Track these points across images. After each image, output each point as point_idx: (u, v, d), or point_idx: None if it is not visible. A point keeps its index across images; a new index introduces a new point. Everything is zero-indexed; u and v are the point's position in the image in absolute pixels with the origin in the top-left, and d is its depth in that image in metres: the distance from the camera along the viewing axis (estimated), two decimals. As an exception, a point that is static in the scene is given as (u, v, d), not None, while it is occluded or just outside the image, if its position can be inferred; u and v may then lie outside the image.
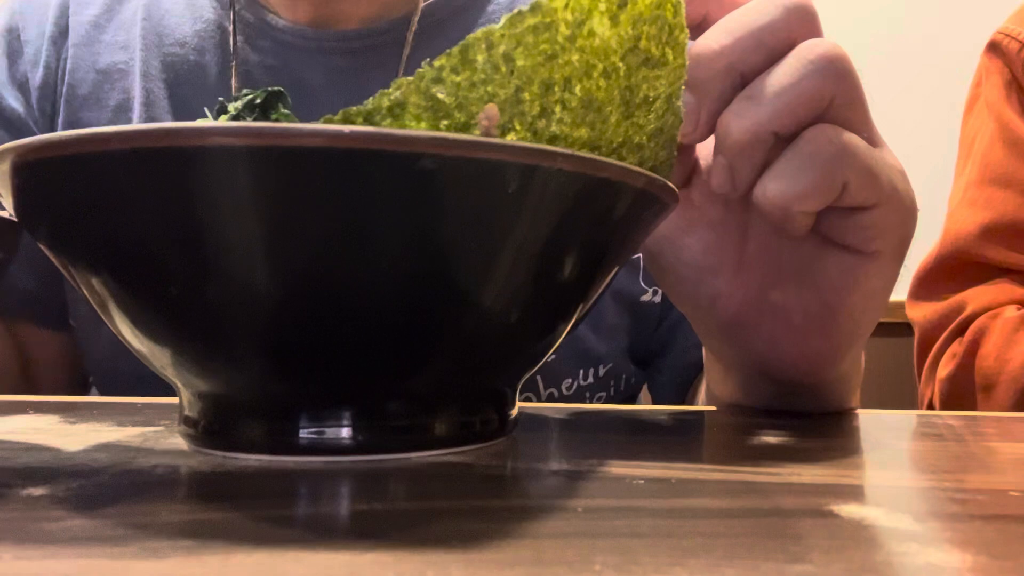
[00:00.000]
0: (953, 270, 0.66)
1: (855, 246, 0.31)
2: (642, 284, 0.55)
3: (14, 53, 0.55)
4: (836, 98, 0.28)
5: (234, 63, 0.53)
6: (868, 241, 0.30)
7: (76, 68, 0.54)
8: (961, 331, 0.63)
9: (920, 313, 0.68)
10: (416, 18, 0.53)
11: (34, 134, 0.52)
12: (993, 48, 0.69)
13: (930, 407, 0.67)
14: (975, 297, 0.64)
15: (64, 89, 0.54)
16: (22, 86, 0.54)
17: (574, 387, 0.54)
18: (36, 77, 0.54)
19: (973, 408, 0.62)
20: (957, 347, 0.63)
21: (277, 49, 0.53)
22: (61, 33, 0.54)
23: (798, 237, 0.31)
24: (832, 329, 0.32)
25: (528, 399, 0.52)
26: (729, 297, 0.34)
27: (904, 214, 0.31)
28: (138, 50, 0.54)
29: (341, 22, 0.53)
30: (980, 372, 0.61)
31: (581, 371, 0.54)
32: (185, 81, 0.53)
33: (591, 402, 0.55)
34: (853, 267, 0.31)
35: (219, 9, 0.54)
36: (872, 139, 0.30)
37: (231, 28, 0.53)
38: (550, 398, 0.53)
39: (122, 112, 0.54)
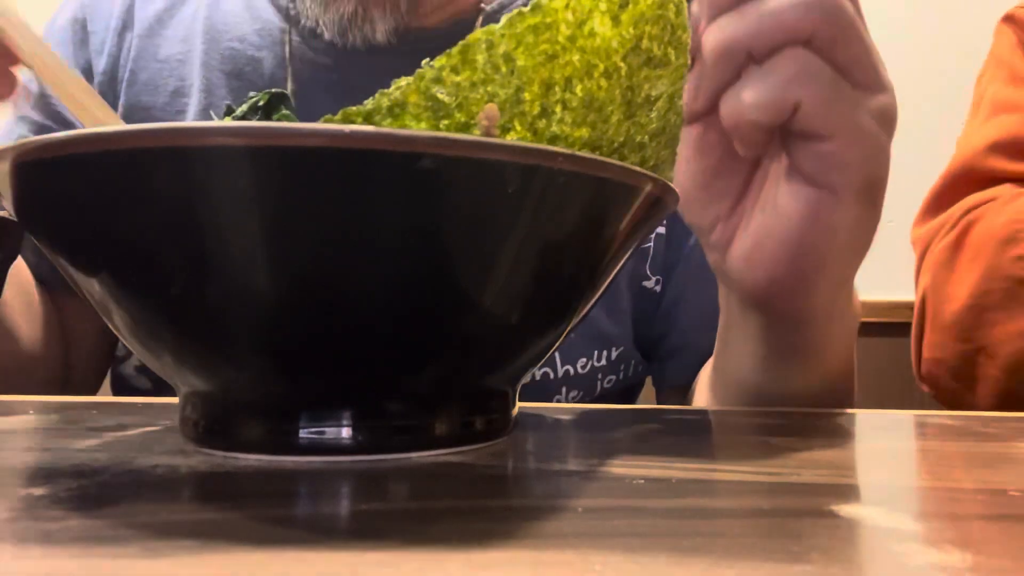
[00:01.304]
0: (960, 188, 0.68)
1: (812, 176, 0.32)
2: (647, 271, 0.57)
3: (80, 41, 0.60)
4: (818, 33, 0.29)
5: (289, 65, 0.57)
6: (824, 173, 0.31)
7: (139, 57, 0.59)
8: (960, 219, 0.65)
9: (922, 230, 0.69)
10: (479, 22, 0.56)
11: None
12: (1008, 19, 0.73)
13: (922, 302, 0.67)
14: (972, 197, 0.66)
15: (126, 75, 0.58)
16: (86, 71, 0.59)
17: (588, 366, 0.56)
18: (100, 64, 0.59)
19: (956, 279, 0.63)
20: (959, 225, 0.64)
21: (329, 49, 0.57)
22: (126, 26, 0.59)
23: (750, 152, 0.33)
24: (797, 259, 0.33)
25: (546, 375, 0.54)
26: (727, 222, 0.35)
27: (867, 153, 0.31)
28: (199, 43, 0.58)
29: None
30: (970, 243, 0.62)
31: (596, 352, 0.56)
32: (241, 74, 0.57)
33: (602, 384, 0.57)
34: (812, 199, 0.32)
35: (276, 12, 0.59)
36: (865, 81, 0.31)
37: (287, 28, 0.57)
38: (566, 375, 0.55)
39: (178, 96, 0.58)
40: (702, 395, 0.50)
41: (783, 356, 0.38)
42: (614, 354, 0.57)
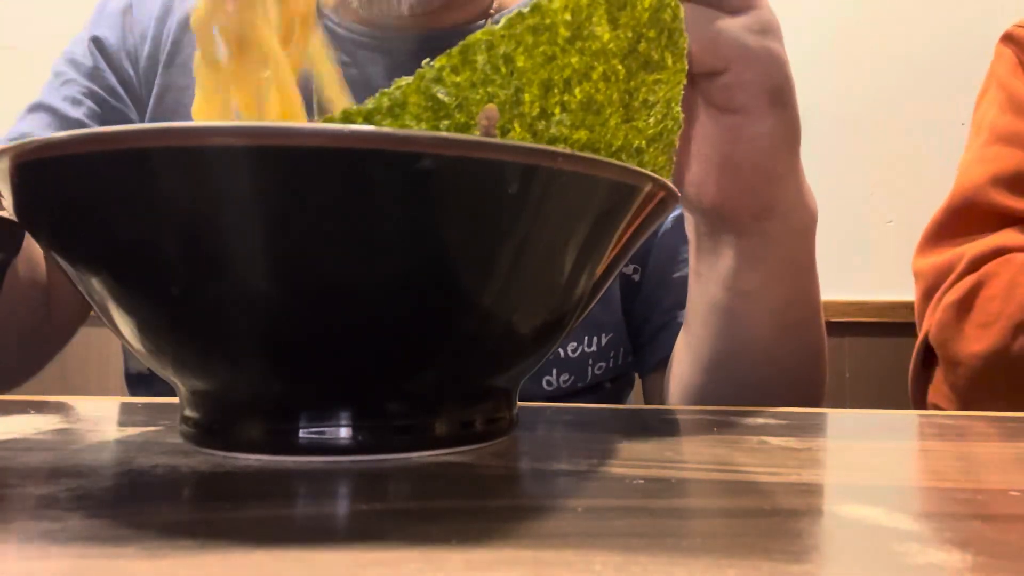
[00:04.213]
0: (961, 220, 0.69)
1: (723, 105, 0.37)
2: None
3: (129, 26, 0.64)
4: None
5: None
6: (731, 100, 0.36)
7: (177, 41, 0.62)
8: (968, 272, 0.66)
9: (925, 263, 0.70)
10: (490, 23, 0.56)
11: (140, 97, 0.61)
12: (1007, 38, 0.74)
13: (925, 347, 0.68)
14: (977, 244, 0.67)
15: (164, 57, 0.62)
16: (131, 55, 0.63)
17: (579, 351, 0.57)
18: (144, 48, 0.62)
19: (964, 340, 0.64)
20: (967, 281, 0.65)
21: (347, 47, 0.58)
22: (167, 12, 0.63)
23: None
24: (734, 172, 0.39)
25: None
26: (683, 154, 0.40)
27: (762, 69, 0.36)
28: None
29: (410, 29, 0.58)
30: (980, 307, 0.64)
31: (586, 337, 0.57)
32: None
33: (593, 371, 0.58)
34: (729, 123, 0.37)
35: None
36: (736, 5, 0.35)
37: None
38: (556, 357, 0.56)
39: None
40: (677, 355, 0.51)
41: (751, 262, 0.42)
42: (604, 340, 0.58)
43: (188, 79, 0.60)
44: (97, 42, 0.63)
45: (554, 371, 0.57)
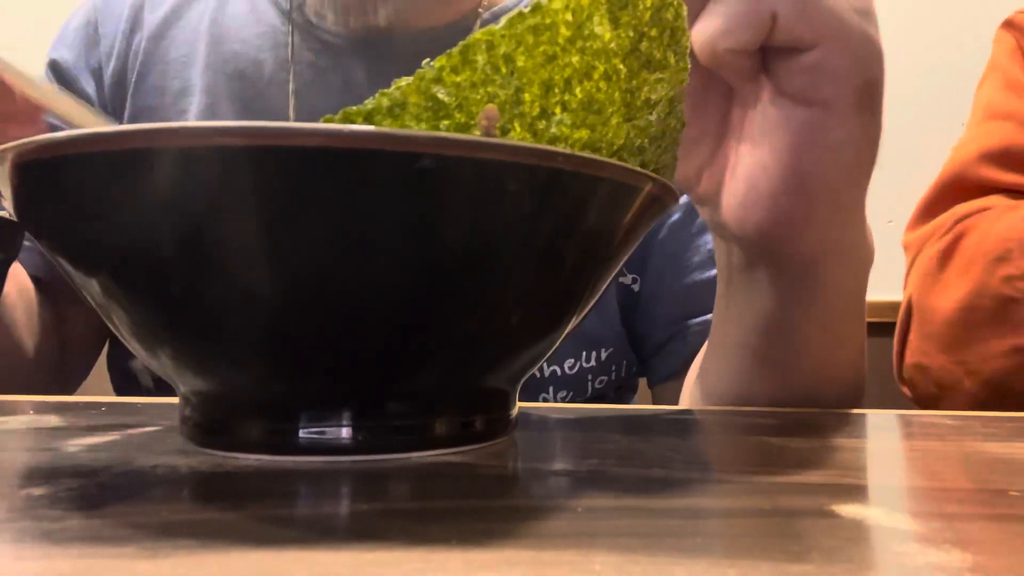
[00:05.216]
0: (949, 196, 0.69)
1: (804, 94, 0.29)
2: (624, 268, 0.57)
3: (91, 43, 0.61)
4: None
5: (291, 65, 0.58)
6: (815, 88, 0.28)
7: (146, 61, 0.60)
8: (950, 230, 0.65)
9: (913, 236, 0.70)
10: (477, 25, 0.57)
11: (105, 115, 0.58)
12: (1008, 24, 0.74)
13: (908, 311, 0.68)
14: (963, 206, 0.66)
15: (134, 78, 0.60)
16: (95, 72, 0.60)
17: (576, 367, 0.55)
18: (110, 67, 0.60)
19: (944, 288, 0.63)
20: (950, 235, 0.65)
21: (328, 51, 0.58)
22: (134, 29, 0.61)
23: (740, 83, 0.30)
24: (799, 190, 0.30)
25: (532, 376, 0.53)
26: (713, 167, 0.33)
27: (857, 56, 0.28)
28: (202, 45, 0.59)
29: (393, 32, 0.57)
30: (960, 253, 0.63)
31: (584, 353, 0.55)
32: (243, 75, 0.58)
33: (593, 385, 0.57)
34: (807, 119, 0.29)
35: (279, 15, 0.60)
36: None
37: (289, 31, 0.59)
38: (552, 376, 0.55)
39: (182, 97, 0.59)
40: (696, 383, 0.46)
41: (793, 307, 0.34)
42: (603, 355, 0.56)
43: (161, 99, 0.59)
44: (55, 67, 0.61)
45: (551, 388, 0.55)
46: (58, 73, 0.61)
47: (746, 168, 0.31)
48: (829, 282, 0.34)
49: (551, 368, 0.55)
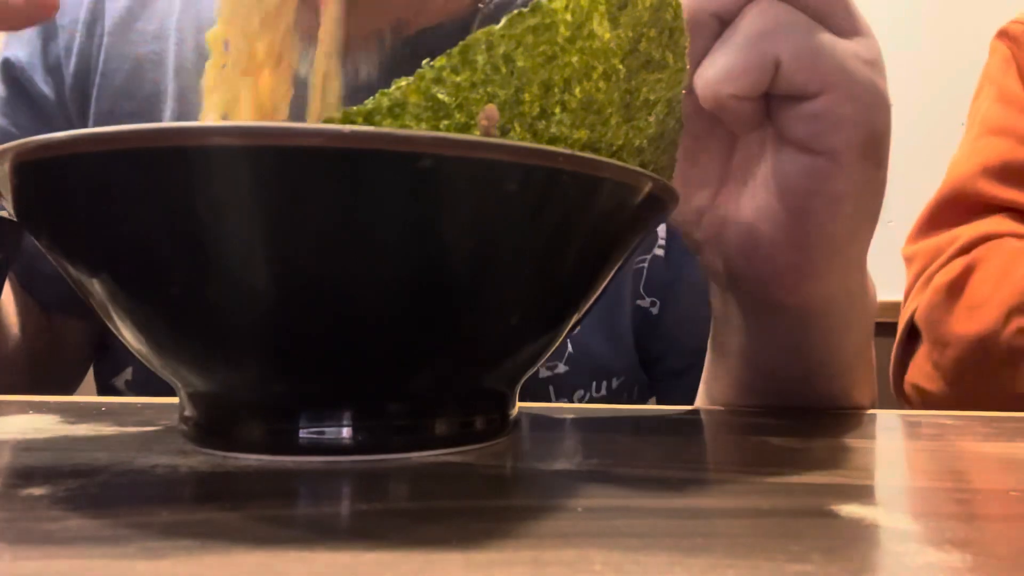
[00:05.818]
0: (951, 210, 0.70)
1: (807, 142, 0.28)
2: (642, 291, 0.56)
3: (48, 36, 0.55)
4: None
5: None
6: (820, 136, 0.28)
7: (110, 58, 0.54)
8: (959, 255, 0.66)
9: (916, 248, 0.71)
10: (475, 24, 0.54)
11: (66, 120, 0.52)
12: (1002, 34, 0.75)
13: (909, 327, 0.69)
14: (968, 229, 0.68)
15: (98, 79, 0.54)
16: (54, 70, 0.54)
17: (586, 398, 0.54)
18: (70, 65, 0.54)
19: (953, 321, 0.64)
20: (958, 263, 0.66)
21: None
22: (95, 19, 0.54)
23: (743, 130, 0.29)
24: (800, 241, 0.29)
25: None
26: (713, 212, 0.32)
27: (863, 106, 0.28)
28: (172, 42, 0.54)
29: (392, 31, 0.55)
30: (972, 289, 0.64)
31: (594, 383, 0.54)
32: None
33: None
34: (810, 168, 0.28)
35: None
36: (845, 26, 0.28)
37: None
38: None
39: (152, 103, 0.53)
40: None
41: (791, 358, 0.34)
42: (615, 384, 0.54)
43: (132, 103, 0.53)
44: (7, 67, 0.54)
45: None
46: (13, 75, 0.54)
47: (746, 215, 0.31)
48: (830, 337, 0.34)
49: (560, 401, 0.53)
